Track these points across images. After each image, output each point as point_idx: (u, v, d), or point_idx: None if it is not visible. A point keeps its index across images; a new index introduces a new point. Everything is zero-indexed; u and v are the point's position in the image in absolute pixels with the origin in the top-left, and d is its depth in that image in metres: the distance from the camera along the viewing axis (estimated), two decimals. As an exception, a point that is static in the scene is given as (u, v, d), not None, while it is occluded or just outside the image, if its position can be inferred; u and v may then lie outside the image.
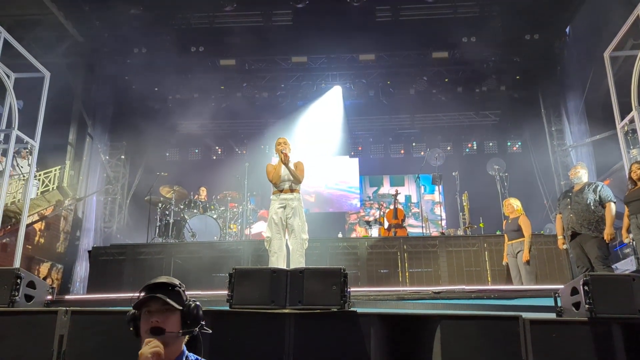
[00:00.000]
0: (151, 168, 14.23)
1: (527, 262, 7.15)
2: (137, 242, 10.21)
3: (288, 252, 6.26)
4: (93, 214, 13.14)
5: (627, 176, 6.41)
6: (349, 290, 3.55)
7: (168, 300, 2.15)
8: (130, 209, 14.28)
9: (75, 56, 13.09)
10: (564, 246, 6.82)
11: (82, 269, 12.07)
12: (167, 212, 10.11)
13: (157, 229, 10.12)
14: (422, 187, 15.61)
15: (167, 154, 16.60)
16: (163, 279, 2.25)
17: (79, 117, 13.40)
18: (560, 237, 6.80)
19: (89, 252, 8.78)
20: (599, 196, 6.42)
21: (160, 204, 10.30)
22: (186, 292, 2.29)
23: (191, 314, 2.21)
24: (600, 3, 11.18)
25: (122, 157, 14.23)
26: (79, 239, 12.76)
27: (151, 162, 14.75)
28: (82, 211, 13.10)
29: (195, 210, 10.34)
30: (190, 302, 2.24)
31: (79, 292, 11.51)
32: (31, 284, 3.99)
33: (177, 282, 2.26)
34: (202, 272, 8.17)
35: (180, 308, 2.18)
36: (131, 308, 2.20)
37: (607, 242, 6.22)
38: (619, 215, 6.48)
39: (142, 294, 2.19)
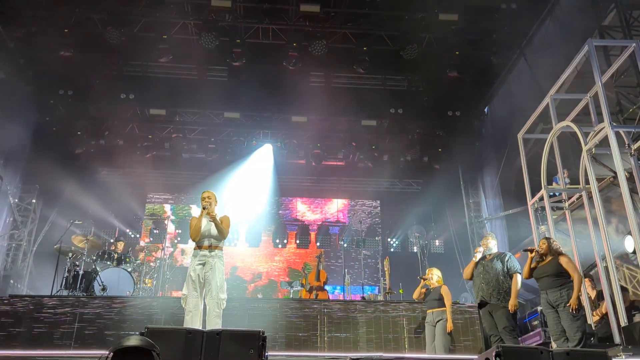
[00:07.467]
0: (65, 215, 13.42)
1: (450, 332, 7.25)
2: (39, 294, 9.43)
3: (205, 311, 6.02)
4: (-7, 260, 12.09)
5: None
6: (267, 354, 3.44)
7: None
8: (37, 258, 13.26)
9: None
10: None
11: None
12: (77, 263, 9.48)
13: (64, 281, 9.42)
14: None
15: (85, 201, 15.73)
16: (135, 341, 2.15)
17: (-11, 156, 12.54)
18: None
19: (-17, 302, 8.00)
20: (507, 267, 6.68)
21: (70, 254, 9.66)
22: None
23: None
24: (516, 89, 12.21)
25: (33, 201, 13.35)
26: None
27: (65, 209, 13.92)
28: (-19, 257, 12.04)
29: (108, 262, 9.79)
30: None
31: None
32: None
33: (150, 344, 2.15)
34: (110, 330, 7.63)
35: None
36: None
37: (512, 312, 6.45)
38: (528, 288, 6.79)
39: (111, 354, 2.13)
